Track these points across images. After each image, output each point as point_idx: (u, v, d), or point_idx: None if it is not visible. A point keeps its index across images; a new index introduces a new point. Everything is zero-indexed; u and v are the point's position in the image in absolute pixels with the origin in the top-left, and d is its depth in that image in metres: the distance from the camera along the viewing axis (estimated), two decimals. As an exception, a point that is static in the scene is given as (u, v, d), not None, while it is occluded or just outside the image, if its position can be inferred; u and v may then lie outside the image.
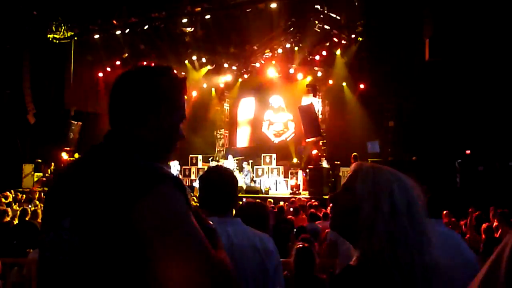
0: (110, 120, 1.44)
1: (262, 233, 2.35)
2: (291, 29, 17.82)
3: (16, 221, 7.59)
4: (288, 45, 18.61)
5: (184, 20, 17.33)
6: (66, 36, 18.28)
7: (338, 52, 18.00)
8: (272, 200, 11.74)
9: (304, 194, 14.89)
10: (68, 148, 17.50)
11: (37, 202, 11.39)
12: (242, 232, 2.20)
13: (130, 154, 1.34)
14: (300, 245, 3.91)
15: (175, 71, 1.51)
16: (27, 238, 6.58)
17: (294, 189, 15.79)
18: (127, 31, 17.90)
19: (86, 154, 1.44)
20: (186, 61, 20.10)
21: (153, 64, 1.50)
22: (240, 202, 3.43)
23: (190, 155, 18.38)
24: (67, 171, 1.45)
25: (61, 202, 1.32)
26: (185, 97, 1.53)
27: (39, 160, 16.81)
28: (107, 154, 1.35)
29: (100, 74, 20.03)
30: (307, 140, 17.05)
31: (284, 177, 17.40)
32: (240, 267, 1.32)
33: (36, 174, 16.34)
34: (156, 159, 1.43)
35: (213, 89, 22.22)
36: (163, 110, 1.42)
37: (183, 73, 19.84)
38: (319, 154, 16.91)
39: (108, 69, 19.89)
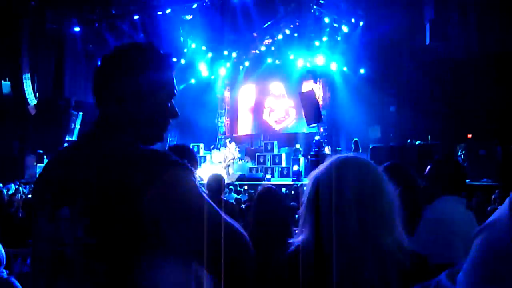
0: (97, 104, 1.40)
1: None
2: (291, 15, 17.69)
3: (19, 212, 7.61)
4: (288, 32, 18.49)
5: (183, 8, 17.23)
6: (64, 25, 18.18)
7: (338, 37, 17.88)
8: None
9: (306, 181, 14.88)
10: (69, 139, 17.50)
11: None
12: None
13: (131, 141, 1.31)
14: None
15: (156, 47, 1.45)
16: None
17: (296, 176, 15.79)
18: (126, 19, 17.80)
19: (79, 142, 1.40)
20: (186, 49, 20.01)
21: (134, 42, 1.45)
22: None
23: (192, 143, 18.37)
24: (60, 159, 1.39)
25: (58, 191, 1.26)
26: (171, 72, 1.45)
27: (41, 151, 16.81)
28: (106, 142, 1.31)
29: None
30: (308, 127, 17.02)
31: (286, 164, 17.40)
32: None
33: (38, 165, 16.34)
34: (150, 139, 1.41)
35: (213, 77, 22.14)
36: (146, 88, 1.37)
37: (183, 61, 19.79)
38: (321, 140, 16.88)
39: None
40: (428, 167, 2.81)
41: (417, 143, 14.00)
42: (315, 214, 1.42)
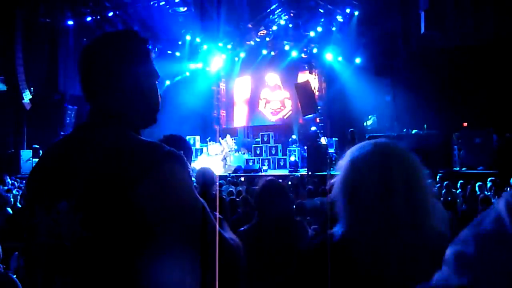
0: (85, 96, 1.40)
1: None
2: (285, 5, 17.62)
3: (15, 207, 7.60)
4: (282, 22, 18.43)
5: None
6: (58, 19, 18.07)
7: (333, 27, 17.83)
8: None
9: (303, 171, 14.91)
10: (65, 133, 17.42)
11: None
12: None
13: (124, 130, 1.30)
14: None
15: (134, 32, 1.45)
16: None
17: (293, 167, 15.82)
18: (119, 12, 17.68)
19: (73, 135, 1.39)
20: (180, 42, 19.93)
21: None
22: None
23: (188, 136, 18.33)
24: (54, 153, 1.37)
25: (54, 184, 1.25)
26: (151, 55, 1.44)
27: (37, 146, 16.76)
28: (100, 133, 1.29)
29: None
30: (304, 117, 17.02)
31: (283, 155, 17.42)
32: None
33: (34, 159, 16.28)
34: (144, 122, 1.41)
35: (208, 69, 22.06)
36: (129, 73, 1.36)
37: (178, 53, 19.70)
38: (317, 131, 16.90)
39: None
40: None
41: (413, 132, 14.04)
42: (357, 201, 1.38)
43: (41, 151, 16.32)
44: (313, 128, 16.92)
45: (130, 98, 1.36)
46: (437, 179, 9.73)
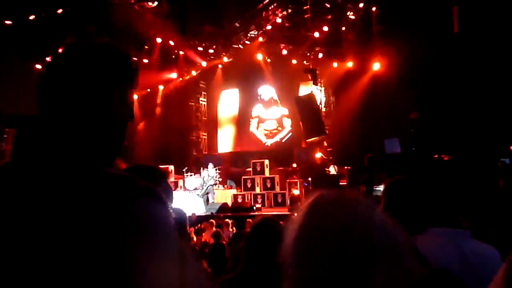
0: (42, 117, 1.42)
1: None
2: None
3: None
4: (279, 20, 18.63)
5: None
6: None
7: (343, 27, 18.04)
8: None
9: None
10: None
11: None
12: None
13: (86, 161, 1.31)
14: None
15: (113, 46, 1.49)
16: None
17: (294, 204, 15.78)
18: (69, 9, 17.79)
19: (14, 166, 1.37)
20: (147, 46, 20.03)
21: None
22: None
23: (160, 166, 18.32)
24: None
25: None
26: (132, 74, 1.50)
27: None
28: (54, 164, 1.29)
29: (38, 66, 19.91)
30: (307, 141, 17.07)
31: (281, 189, 17.39)
32: None
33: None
34: (109, 155, 1.43)
35: (184, 80, 22.15)
36: (101, 96, 1.39)
37: (145, 60, 19.79)
38: (324, 157, 16.92)
39: (48, 59, 19.71)
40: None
41: (444, 158, 14.10)
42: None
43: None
44: (319, 155, 16.96)
45: (98, 123, 1.39)
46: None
